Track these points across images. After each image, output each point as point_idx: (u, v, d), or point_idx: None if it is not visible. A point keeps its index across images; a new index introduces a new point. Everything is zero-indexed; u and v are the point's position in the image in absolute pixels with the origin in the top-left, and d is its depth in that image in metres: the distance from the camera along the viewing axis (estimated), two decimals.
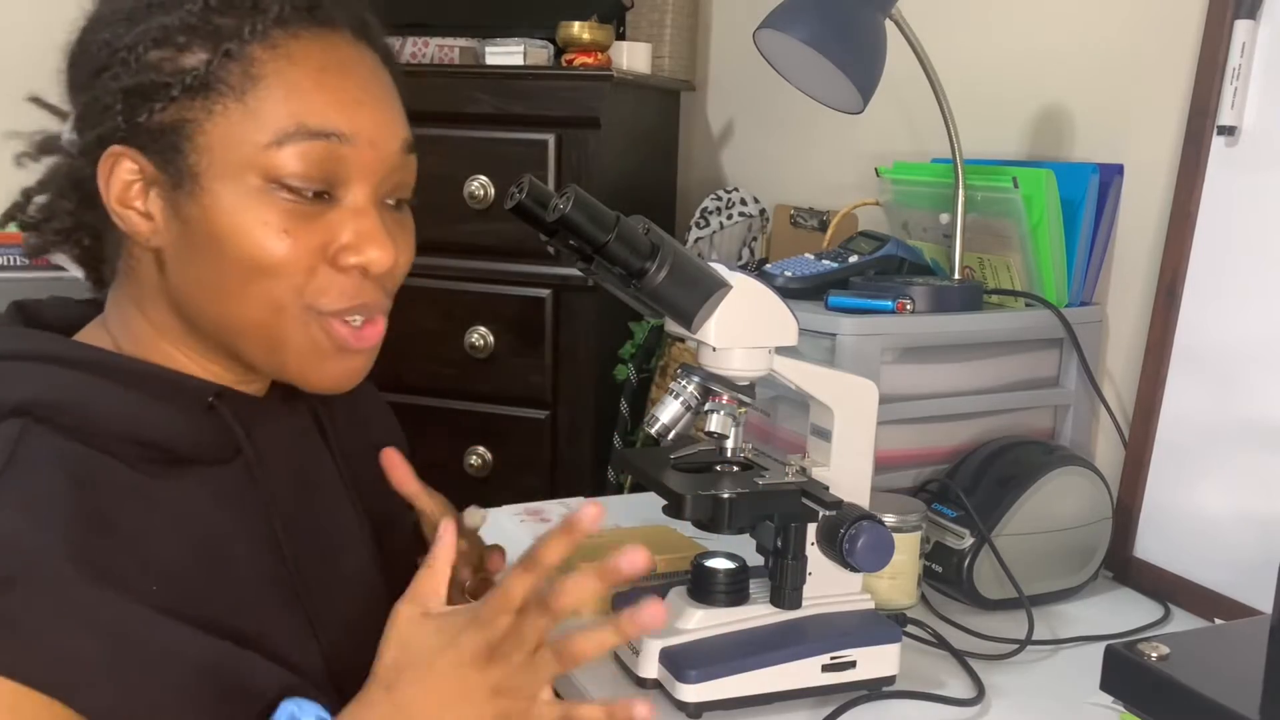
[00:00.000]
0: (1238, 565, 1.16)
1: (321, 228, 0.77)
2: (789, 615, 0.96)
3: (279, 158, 0.75)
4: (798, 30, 1.25)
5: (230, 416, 0.81)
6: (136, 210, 0.77)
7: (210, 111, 0.75)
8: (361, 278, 0.79)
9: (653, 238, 0.87)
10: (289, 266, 0.76)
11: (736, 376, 0.93)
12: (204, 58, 0.75)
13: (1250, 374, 1.18)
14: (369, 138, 0.78)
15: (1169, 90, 1.30)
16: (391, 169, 0.80)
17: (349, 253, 0.78)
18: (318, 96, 0.76)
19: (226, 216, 0.75)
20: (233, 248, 0.75)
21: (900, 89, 1.42)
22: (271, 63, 0.76)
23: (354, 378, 0.83)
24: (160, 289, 0.80)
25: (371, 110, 0.78)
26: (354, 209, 0.78)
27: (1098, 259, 1.37)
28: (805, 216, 1.89)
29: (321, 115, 0.76)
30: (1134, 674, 0.80)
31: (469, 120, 1.85)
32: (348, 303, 0.79)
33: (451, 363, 1.87)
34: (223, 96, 0.75)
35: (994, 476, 1.19)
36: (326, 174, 0.76)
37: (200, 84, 0.74)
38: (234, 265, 0.76)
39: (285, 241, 0.76)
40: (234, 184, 0.75)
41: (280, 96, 0.75)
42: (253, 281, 0.76)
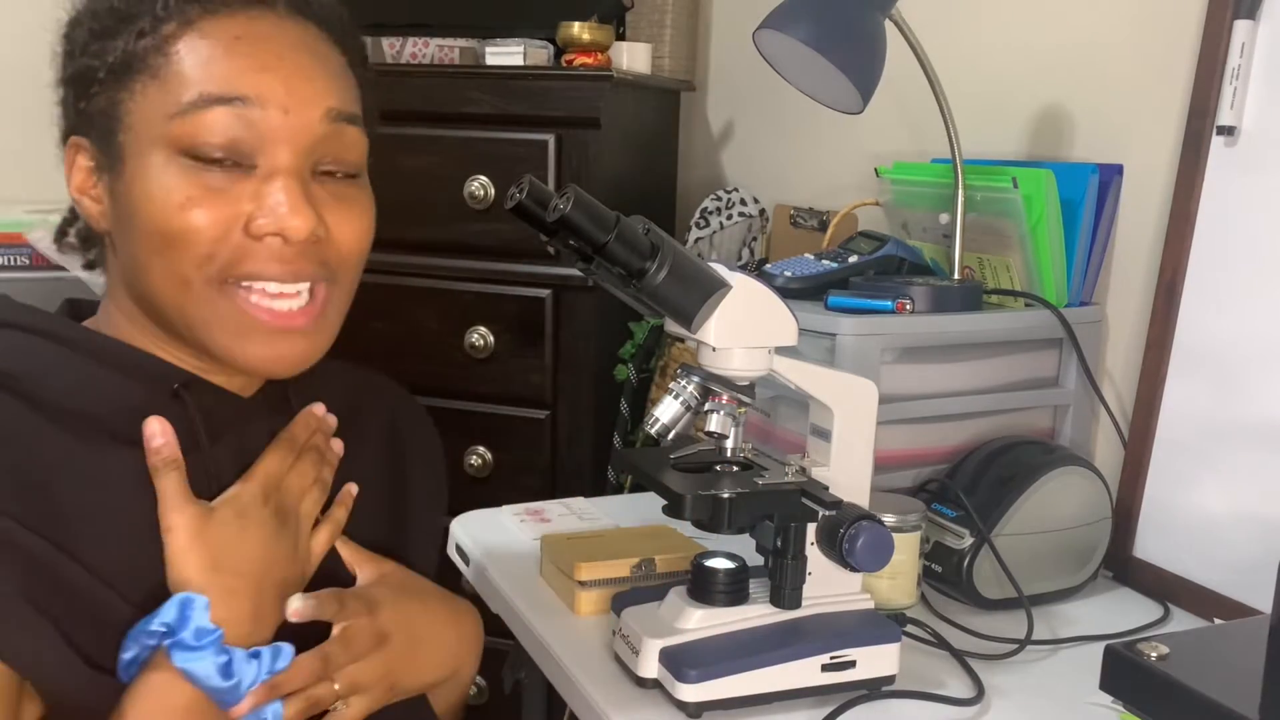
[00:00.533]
0: (1238, 565, 1.16)
1: (233, 198, 0.77)
2: (789, 615, 0.96)
3: (184, 126, 0.76)
4: (798, 30, 1.25)
5: (194, 408, 0.80)
6: (90, 197, 0.80)
7: (131, 90, 0.77)
8: (284, 246, 0.78)
9: (653, 238, 0.87)
10: (193, 236, 0.76)
11: (736, 376, 0.93)
12: (125, 41, 0.77)
13: (1250, 374, 1.18)
14: (280, 103, 0.77)
15: (1169, 90, 1.30)
16: (316, 138, 0.79)
17: (264, 220, 0.77)
18: (224, 64, 0.76)
19: (139, 188, 0.77)
20: (142, 220, 0.77)
21: (900, 89, 1.42)
22: (184, 38, 0.77)
23: (290, 361, 0.82)
24: (120, 275, 0.82)
25: (284, 76, 0.78)
26: (267, 176, 0.78)
27: (1097, 259, 1.37)
28: (805, 216, 1.89)
29: (224, 81, 0.76)
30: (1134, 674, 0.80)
31: (469, 120, 1.85)
32: (265, 267, 0.78)
33: (451, 363, 1.87)
34: (140, 74, 0.77)
35: (994, 476, 1.19)
36: (233, 140, 0.76)
37: (122, 65, 0.77)
38: (144, 237, 0.77)
39: (190, 211, 0.76)
40: (148, 158, 0.77)
41: (188, 67, 0.76)
42: (158, 253, 0.77)
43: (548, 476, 1.87)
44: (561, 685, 1.02)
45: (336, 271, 0.83)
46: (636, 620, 0.97)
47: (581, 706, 0.97)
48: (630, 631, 0.96)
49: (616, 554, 1.13)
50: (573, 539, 1.18)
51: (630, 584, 1.11)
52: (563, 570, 1.13)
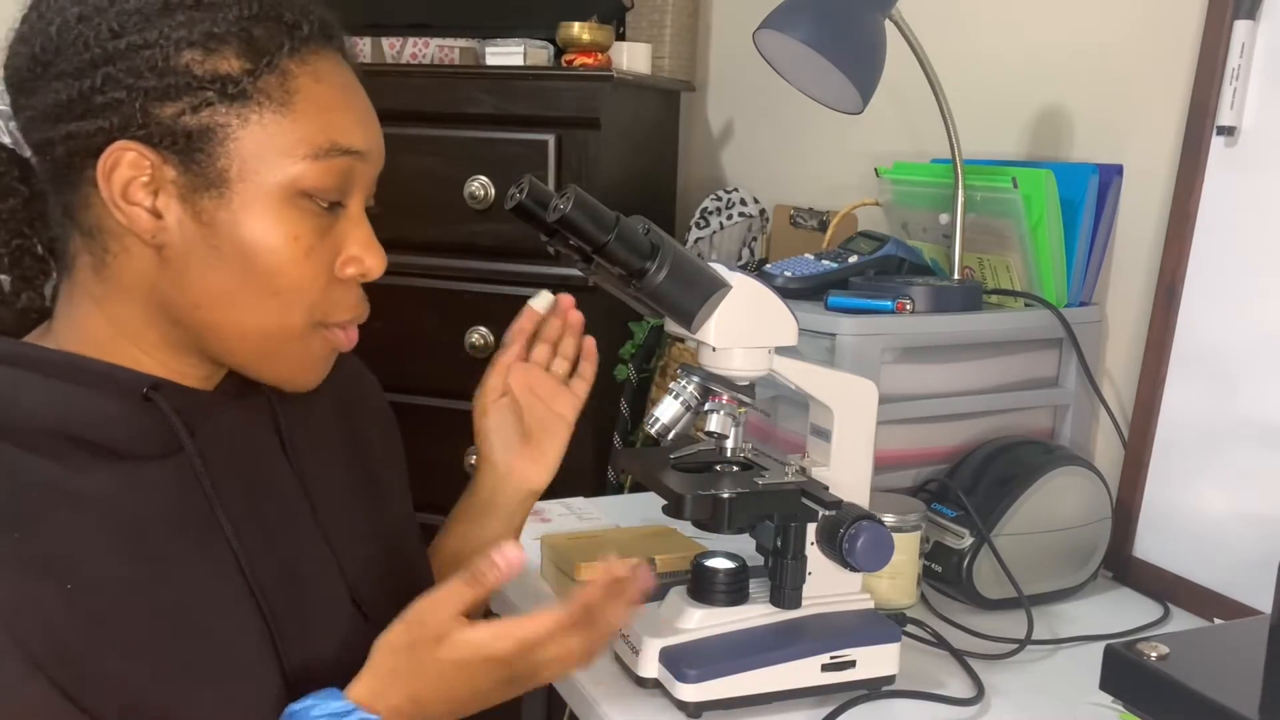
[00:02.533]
0: (1237, 565, 1.16)
1: (331, 242, 0.81)
2: (789, 615, 0.96)
3: (313, 171, 0.78)
4: (798, 31, 1.25)
5: (169, 409, 0.80)
6: (142, 206, 0.76)
7: (246, 120, 0.76)
8: (359, 289, 0.84)
9: (653, 238, 0.87)
10: (306, 284, 0.79)
11: (736, 376, 0.94)
12: (245, 67, 0.76)
13: (1250, 374, 1.18)
14: (376, 154, 0.83)
15: (1169, 90, 1.30)
16: (374, 180, 0.85)
17: (352, 263, 0.82)
18: (343, 115, 0.80)
19: (257, 224, 0.77)
20: (258, 258, 0.78)
21: (900, 89, 1.42)
22: (302, 78, 0.78)
23: (325, 375, 0.86)
24: (145, 286, 0.79)
25: (376, 129, 0.84)
26: (354, 220, 0.83)
27: (1097, 259, 1.37)
28: (805, 216, 1.89)
29: (350, 133, 0.80)
30: (1133, 673, 0.80)
31: (469, 120, 1.85)
32: (351, 314, 0.84)
33: (451, 363, 1.87)
34: (260, 107, 0.77)
35: (994, 476, 1.19)
36: (343, 187, 0.80)
37: (239, 92, 0.76)
38: (256, 277, 0.78)
39: (308, 261, 0.79)
40: (265, 194, 0.77)
41: (314, 112, 0.78)
42: (271, 296, 0.79)
43: None
44: (561, 684, 1.02)
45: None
46: (636, 620, 0.97)
47: (581, 706, 0.98)
48: (630, 631, 0.96)
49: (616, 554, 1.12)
50: (573, 539, 1.18)
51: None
52: (563, 570, 1.13)
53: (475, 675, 0.79)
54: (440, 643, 0.77)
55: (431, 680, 0.78)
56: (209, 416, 0.83)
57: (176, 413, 0.80)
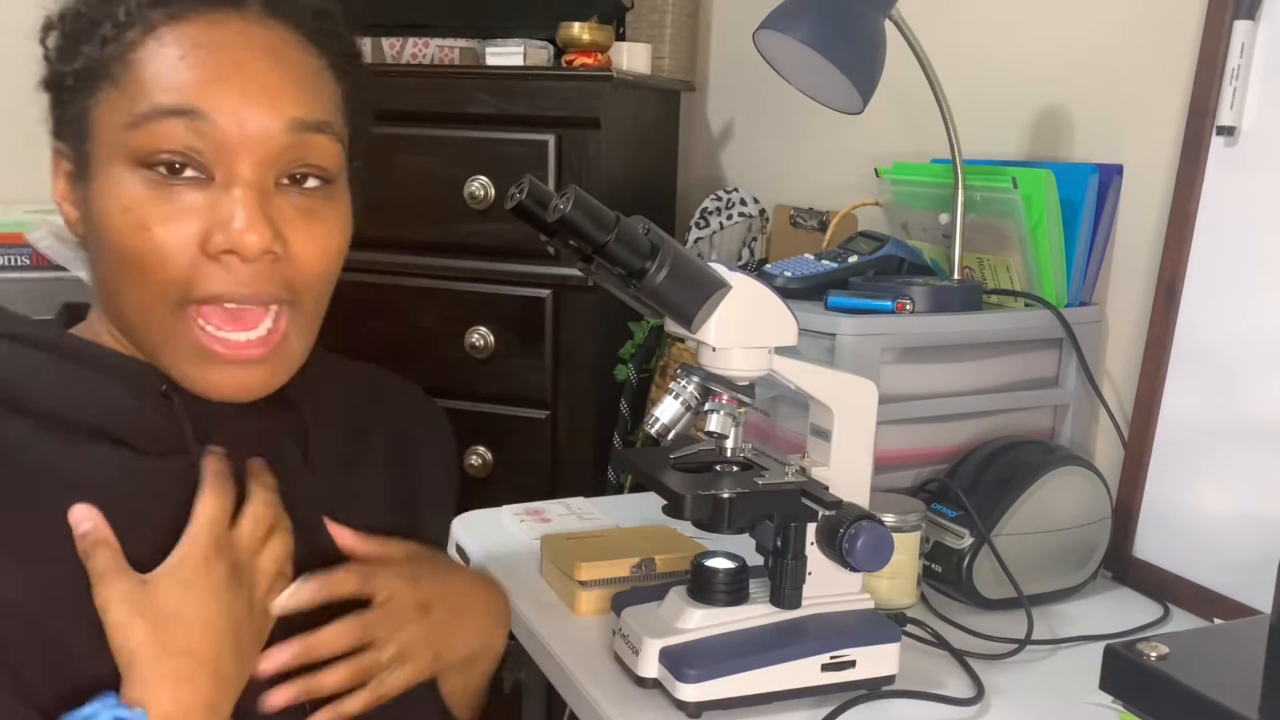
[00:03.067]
0: (1237, 565, 1.16)
1: (188, 214, 0.75)
2: (789, 615, 0.96)
3: (138, 138, 0.74)
4: (798, 31, 1.25)
5: (182, 409, 0.79)
6: (70, 202, 0.79)
7: (97, 99, 0.76)
8: (241, 266, 0.75)
9: (653, 238, 0.87)
10: (153, 258, 0.74)
11: (736, 376, 0.93)
12: (93, 47, 0.76)
13: (1250, 374, 1.18)
14: (235, 115, 0.75)
15: (1169, 90, 1.30)
16: (277, 149, 0.77)
17: (216, 234, 0.75)
18: (179, 74, 0.74)
19: (100, 202, 0.76)
20: (105, 236, 0.76)
21: (900, 89, 1.42)
22: (144, 46, 0.75)
23: (249, 389, 0.79)
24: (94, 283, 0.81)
25: (240, 86, 0.75)
26: (223, 189, 0.76)
27: (1097, 259, 1.37)
28: (805, 216, 1.89)
29: (178, 92, 0.74)
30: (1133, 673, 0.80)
31: (469, 120, 1.85)
32: (223, 288, 0.75)
33: (451, 363, 1.87)
34: (103, 82, 0.75)
35: (993, 476, 1.19)
36: (186, 152, 0.74)
37: (87, 72, 0.76)
38: (109, 256, 0.76)
39: (148, 231, 0.74)
40: (110, 170, 0.75)
41: (146, 78, 0.74)
42: (123, 275, 0.76)
43: (548, 476, 1.87)
44: (561, 685, 1.02)
45: (300, 294, 0.79)
46: (636, 620, 0.97)
47: (581, 706, 0.98)
48: (630, 631, 0.96)
49: (616, 554, 1.13)
50: (573, 539, 1.18)
51: (630, 584, 1.11)
52: (563, 570, 1.13)
53: (191, 582, 0.73)
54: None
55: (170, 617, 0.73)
56: (230, 425, 0.82)
57: (194, 416, 0.80)
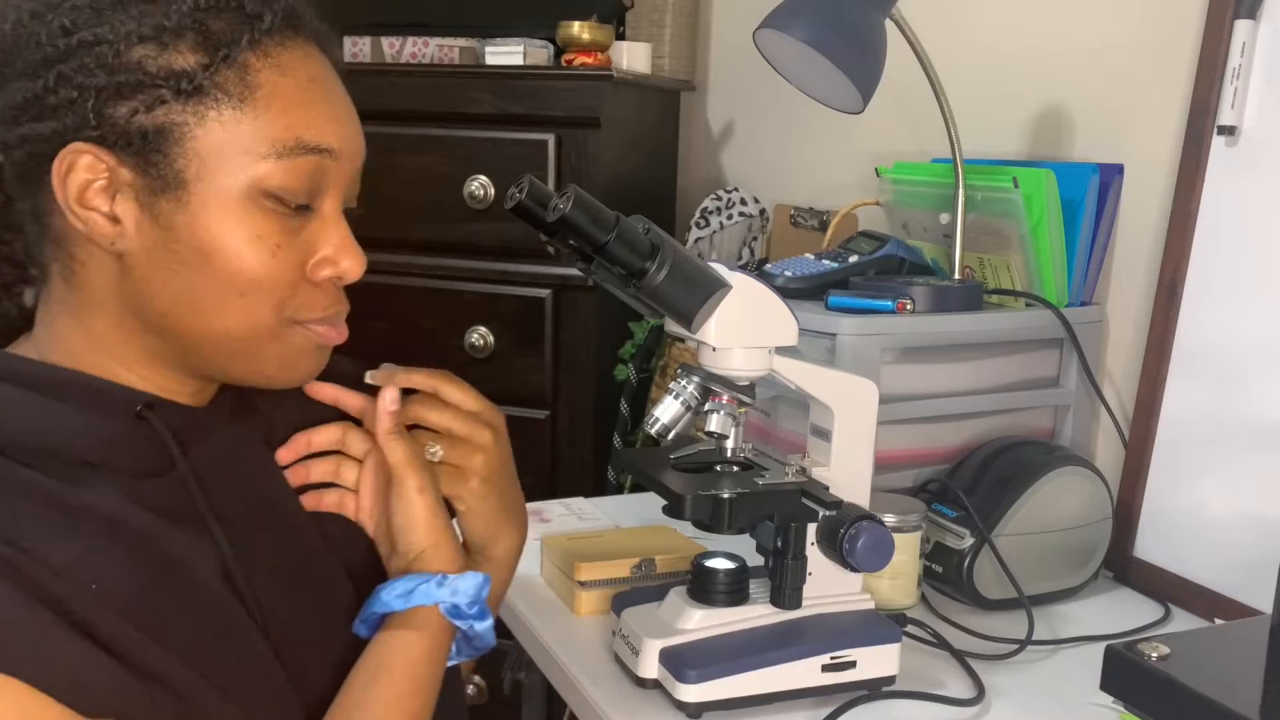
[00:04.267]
0: (1238, 565, 1.16)
1: (302, 242, 0.77)
2: (789, 615, 0.96)
3: (275, 170, 0.74)
4: (798, 30, 1.25)
5: (162, 427, 0.77)
6: (99, 211, 0.73)
7: (203, 117, 0.73)
8: (334, 288, 0.80)
9: (653, 238, 0.87)
10: (273, 283, 0.76)
11: (736, 376, 0.93)
12: (201, 61, 0.72)
13: (1250, 374, 1.18)
14: (350, 153, 0.79)
15: (1169, 90, 1.30)
16: (354, 180, 0.81)
17: (326, 265, 0.79)
18: (310, 110, 0.76)
19: (217, 226, 0.74)
20: (220, 260, 0.74)
21: (900, 89, 1.42)
22: (265, 72, 0.74)
23: (311, 375, 0.84)
24: (112, 295, 0.76)
25: (351, 126, 0.79)
26: (328, 220, 0.79)
27: (1098, 259, 1.37)
28: (805, 216, 1.89)
29: (316, 130, 0.76)
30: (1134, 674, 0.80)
31: (469, 120, 1.85)
32: (326, 313, 0.80)
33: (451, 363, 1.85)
34: (218, 103, 0.73)
35: (994, 476, 1.19)
36: (313, 187, 0.77)
37: (195, 89, 0.72)
38: (219, 279, 0.75)
39: (275, 260, 0.75)
40: (226, 193, 0.73)
41: (277, 108, 0.74)
42: (237, 297, 0.75)
43: (548, 476, 1.87)
44: (561, 685, 1.02)
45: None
46: (636, 620, 0.97)
47: (581, 706, 0.98)
48: (630, 632, 0.96)
49: (616, 554, 1.13)
50: (573, 539, 1.18)
51: (630, 584, 1.11)
52: (563, 570, 1.13)
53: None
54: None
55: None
56: (204, 435, 0.81)
57: (171, 430, 0.78)
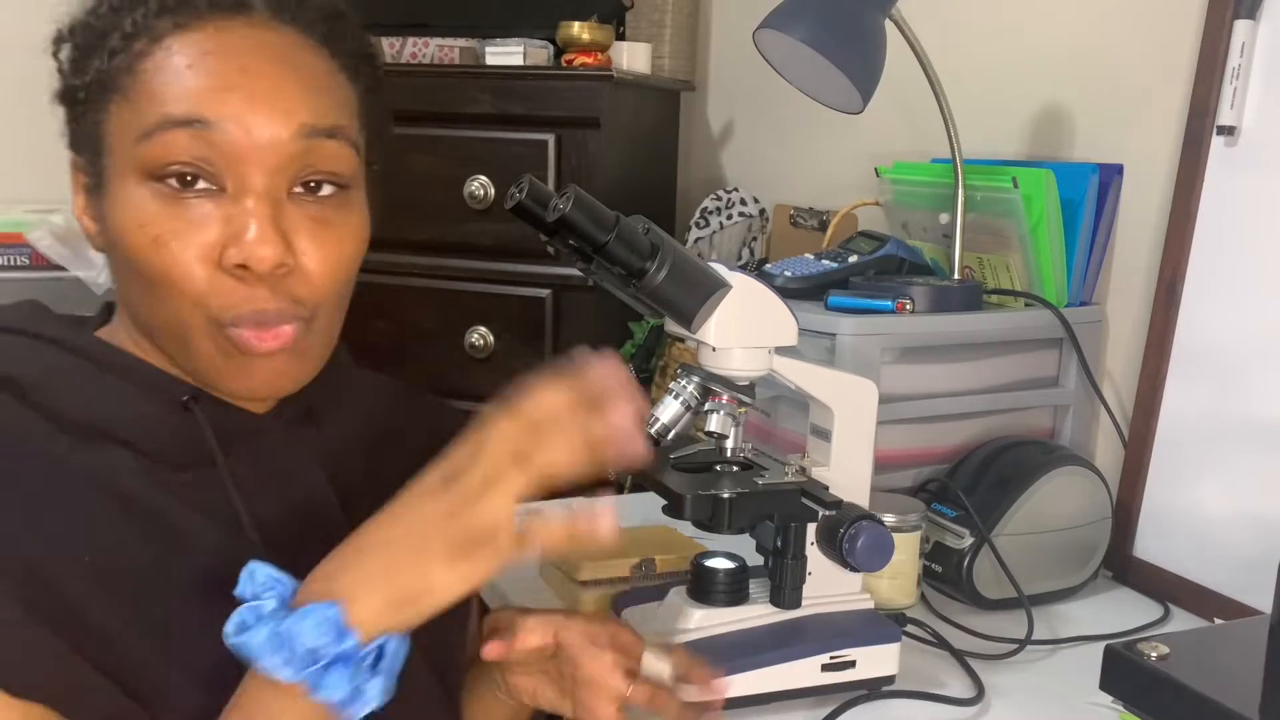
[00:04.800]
0: (1237, 565, 1.16)
1: (203, 226, 0.73)
2: (789, 615, 0.96)
3: (150, 150, 0.72)
4: (798, 30, 1.25)
5: (206, 421, 0.77)
6: (89, 216, 0.78)
7: (108, 113, 0.74)
8: (255, 281, 0.73)
9: (653, 238, 0.87)
10: (169, 275, 0.73)
11: (736, 376, 0.93)
12: (100, 58, 0.74)
13: (1250, 374, 1.18)
14: (242, 123, 0.72)
15: (1169, 90, 1.30)
16: (285, 157, 0.74)
17: (230, 247, 0.73)
18: (186, 84, 0.72)
19: (117, 218, 0.74)
20: (122, 252, 0.75)
21: (900, 89, 1.42)
22: (151, 56, 0.73)
23: (274, 383, 0.78)
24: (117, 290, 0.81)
25: (248, 94, 0.73)
26: (241, 204, 0.73)
27: (1097, 259, 1.37)
28: (805, 216, 1.89)
29: (186, 102, 0.72)
30: (1134, 674, 0.80)
31: (469, 120, 1.85)
32: (240, 310, 0.73)
33: (451, 363, 1.87)
34: (113, 94, 0.74)
35: (994, 476, 1.19)
36: (195, 163, 0.72)
37: (97, 84, 0.74)
38: (129, 272, 0.75)
39: (163, 247, 0.72)
40: (124, 184, 0.74)
41: (154, 89, 0.73)
42: (148, 290, 0.75)
43: None
44: None
45: (313, 308, 0.77)
46: (636, 620, 0.97)
47: None
48: None
49: (616, 554, 1.13)
50: None
51: (630, 584, 1.11)
52: (563, 570, 1.13)
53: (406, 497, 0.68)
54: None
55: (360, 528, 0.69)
56: (254, 439, 0.81)
57: (217, 428, 0.78)
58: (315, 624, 0.64)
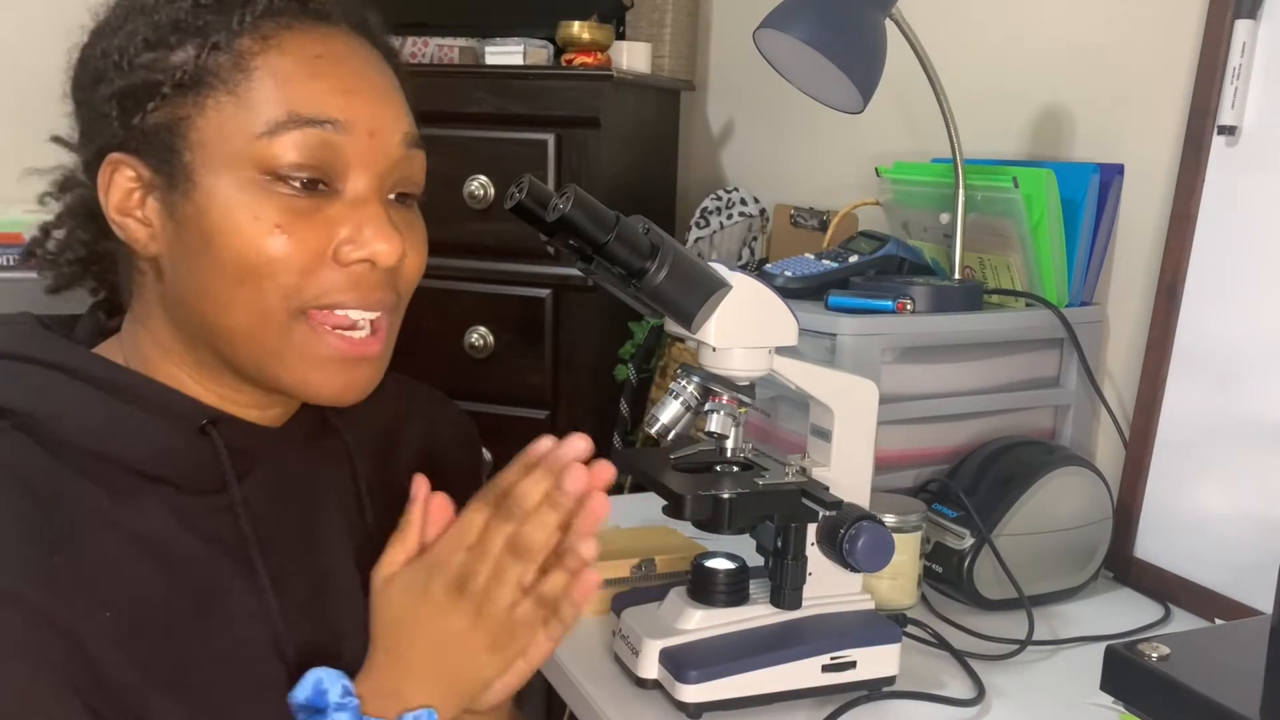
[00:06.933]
0: (1238, 565, 1.16)
1: (320, 224, 0.75)
2: (789, 615, 0.96)
3: (273, 148, 0.73)
4: (798, 30, 1.25)
5: (222, 446, 0.77)
6: (135, 218, 0.76)
7: (202, 107, 0.74)
8: (368, 273, 0.76)
9: (653, 238, 0.87)
10: (281, 265, 0.73)
11: (736, 376, 0.93)
12: (193, 53, 0.74)
13: (1250, 374, 1.18)
14: (366, 126, 0.76)
15: (1169, 90, 1.30)
16: (394, 162, 0.78)
17: (351, 246, 0.75)
18: (311, 85, 0.74)
19: (219, 211, 0.73)
20: (223, 244, 0.73)
21: (900, 89, 1.42)
22: (262, 54, 0.74)
23: (359, 389, 0.79)
24: (161, 301, 0.78)
25: (367, 99, 0.77)
26: (354, 201, 0.76)
27: (1098, 259, 1.37)
28: (805, 216, 1.89)
29: (314, 103, 0.74)
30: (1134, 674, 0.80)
31: (469, 120, 1.85)
32: (349, 295, 0.76)
33: (451, 363, 1.87)
34: (214, 90, 0.73)
35: (994, 476, 1.19)
36: (322, 164, 0.74)
37: (190, 79, 0.73)
38: (224, 265, 0.73)
39: (279, 238, 0.73)
40: (227, 178, 0.73)
41: (272, 86, 0.74)
42: (242, 283, 0.74)
43: None
44: (561, 685, 1.02)
45: (402, 300, 0.82)
46: (636, 621, 0.97)
47: (581, 706, 0.97)
48: (630, 632, 0.96)
49: (616, 554, 1.13)
50: None
51: (630, 584, 1.11)
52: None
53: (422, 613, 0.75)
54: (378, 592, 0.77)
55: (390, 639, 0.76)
56: (272, 456, 0.81)
57: (235, 450, 0.78)
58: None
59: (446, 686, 0.76)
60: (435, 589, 0.76)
